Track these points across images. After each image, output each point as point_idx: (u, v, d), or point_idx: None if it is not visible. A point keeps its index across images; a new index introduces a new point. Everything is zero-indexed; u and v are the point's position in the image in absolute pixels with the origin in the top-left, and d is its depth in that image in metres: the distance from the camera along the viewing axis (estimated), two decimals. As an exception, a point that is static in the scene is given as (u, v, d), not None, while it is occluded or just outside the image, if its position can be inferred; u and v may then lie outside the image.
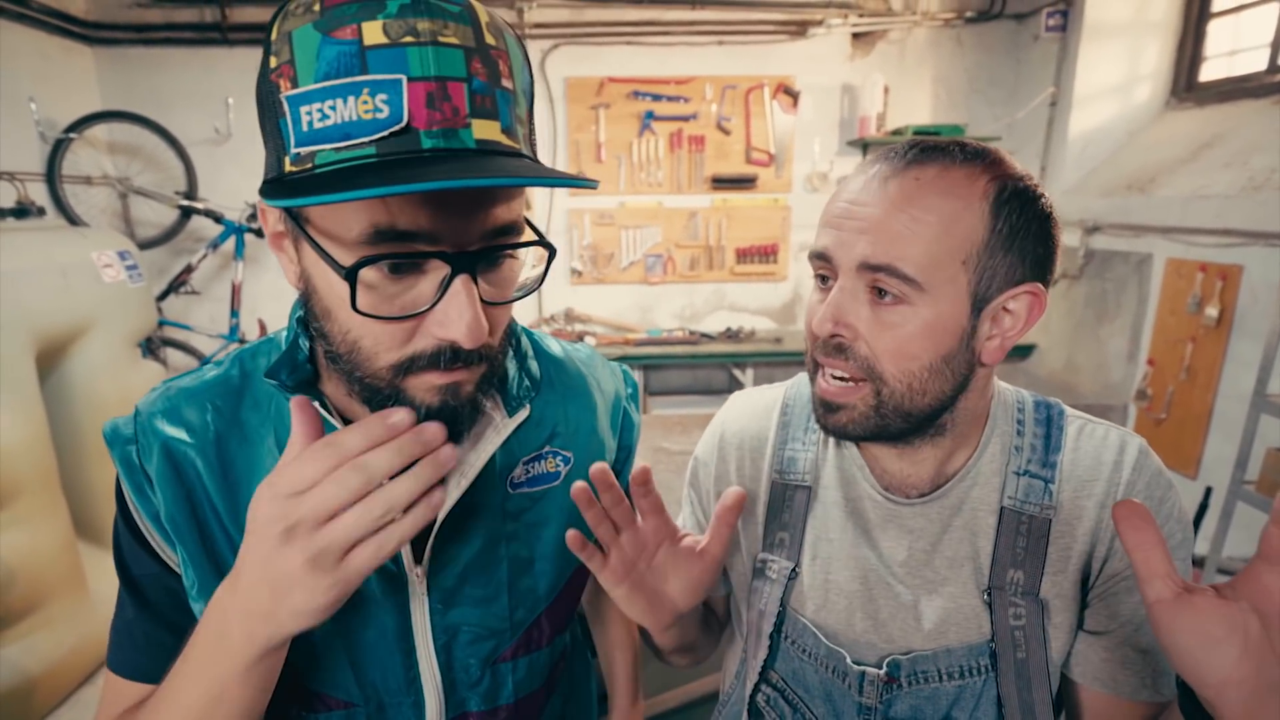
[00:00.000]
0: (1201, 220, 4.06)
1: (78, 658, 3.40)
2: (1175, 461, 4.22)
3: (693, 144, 6.05)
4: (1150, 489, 1.13)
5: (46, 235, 3.49)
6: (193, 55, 5.59)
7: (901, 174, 1.01)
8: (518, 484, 1.15)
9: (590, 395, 1.28)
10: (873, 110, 5.74)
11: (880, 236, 0.99)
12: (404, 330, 0.86)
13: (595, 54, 5.89)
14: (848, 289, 1.03)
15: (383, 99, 0.75)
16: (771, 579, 1.25)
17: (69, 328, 3.43)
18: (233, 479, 1.02)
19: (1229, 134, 4.37)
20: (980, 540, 1.16)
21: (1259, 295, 3.72)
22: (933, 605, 1.17)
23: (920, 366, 1.04)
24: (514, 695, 1.20)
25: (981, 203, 1.00)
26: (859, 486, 1.22)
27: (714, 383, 6.48)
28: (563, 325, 6.24)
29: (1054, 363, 5.45)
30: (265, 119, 0.83)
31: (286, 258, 0.93)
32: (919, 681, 1.17)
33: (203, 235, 5.76)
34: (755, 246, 6.24)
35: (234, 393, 1.05)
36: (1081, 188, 5.26)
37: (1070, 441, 1.18)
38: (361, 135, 0.76)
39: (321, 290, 0.87)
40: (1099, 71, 5.18)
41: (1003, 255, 1.02)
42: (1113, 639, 1.15)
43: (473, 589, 1.12)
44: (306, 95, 0.76)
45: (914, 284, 0.99)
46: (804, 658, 1.23)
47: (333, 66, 0.75)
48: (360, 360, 0.88)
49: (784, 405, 1.34)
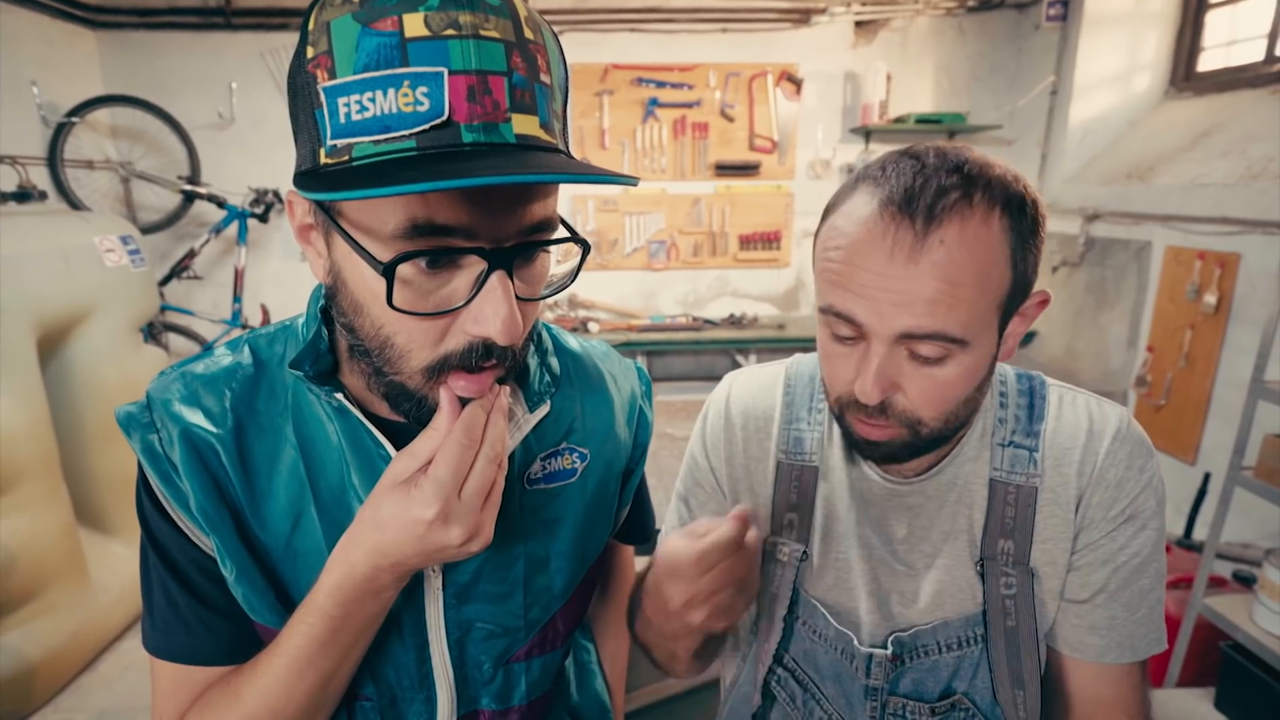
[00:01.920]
0: (1200, 208, 4.07)
1: (78, 644, 3.41)
2: (1174, 447, 4.24)
3: (696, 131, 6.06)
4: (1132, 458, 1.15)
5: (48, 219, 3.49)
6: (196, 39, 5.59)
7: (924, 243, 0.96)
8: (534, 480, 1.14)
9: (608, 392, 1.27)
10: (875, 98, 5.75)
11: (924, 307, 0.97)
12: (438, 328, 0.85)
13: (599, 40, 5.89)
14: (884, 354, 1.01)
15: (423, 92, 0.74)
16: (783, 562, 1.25)
17: (71, 312, 3.43)
18: (251, 469, 1.01)
19: (1227, 123, 4.37)
20: (974, 513, 1.18)
21: (1257, 283, 3.74)
22: (930, 579, 1.19)
23: (957, 403, 1.06)
24: (527, 696, 1.19)
25: (1003, 245, 0.98)
26: (860, 466, 1.23)
27: (717, 369, 6.49)
28: (566, 312, 6.25)
29: (1054, 349, 5.46)
30: (299, 109, 0.82)
31: (314, 251, 0.92)
32: (920, 655, 1.19)
33: (205, 220, 5.77)
34: (758, 233, 6.25)
35: (249, 381, 1.04)
36: (1081, 176, 5.27)
37: (1053, 410, 1.20)
38: (402, 128, 0.75)
39: (353, 285, 0.86)
40: (1099, 61, 5.18)
41: (1021, 282, 1.02)
42: (1085, 606, 1.18)
43: (487, 585, 1.10)
44: (345, 86, 0.75)
45: (960, 343, 0.99)
46: (815, 639, 1.24)
47: (373, 58, 0.74)
48: (392, 358, 0.87)
49: (786, 384, 1.34)
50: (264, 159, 5.77)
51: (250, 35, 5.58)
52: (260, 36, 5.59)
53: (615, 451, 1.26)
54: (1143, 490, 1.15)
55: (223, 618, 1.02)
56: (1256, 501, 2.91)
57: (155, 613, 1.04)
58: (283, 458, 1.02)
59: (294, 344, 1.05)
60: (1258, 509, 3.30)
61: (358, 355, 0.93)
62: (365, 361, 0.91)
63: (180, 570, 1.02)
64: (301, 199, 0.88)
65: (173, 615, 1.03)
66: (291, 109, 0.84)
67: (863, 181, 1.04)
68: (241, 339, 1.08)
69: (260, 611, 1.02)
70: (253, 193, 5.56)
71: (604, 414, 1.24)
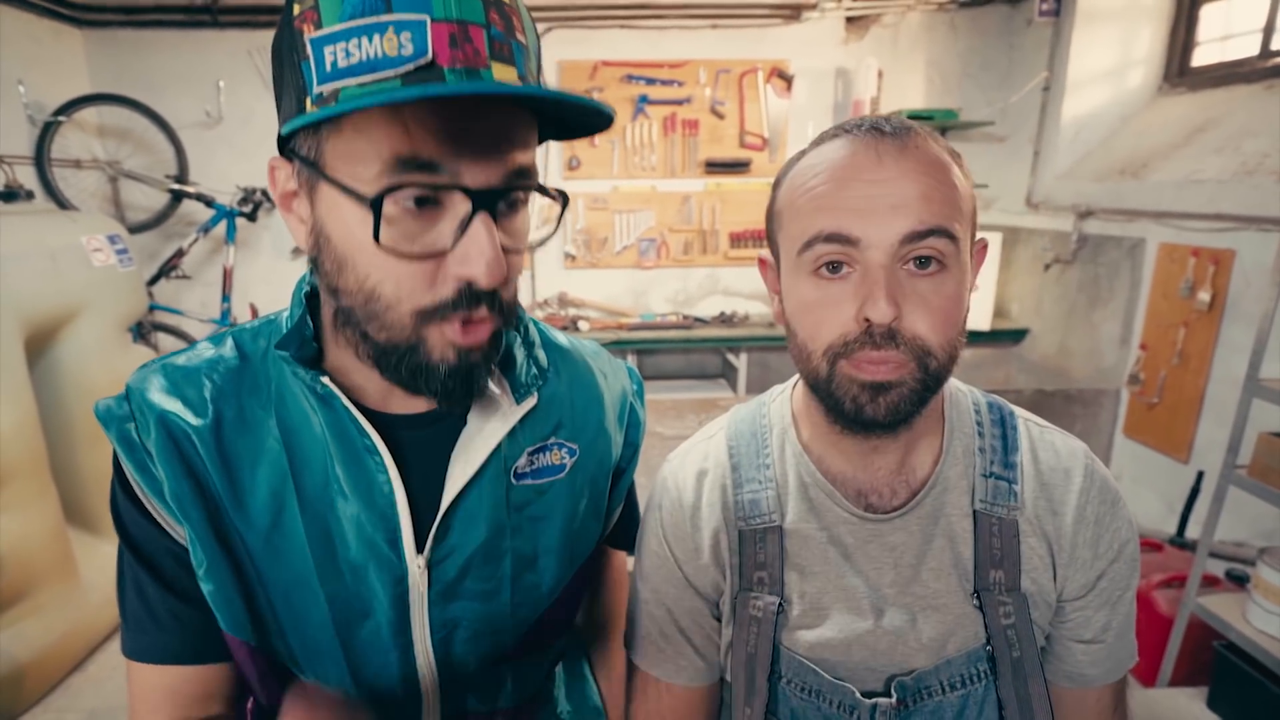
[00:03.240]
0: (1194, 205, 4.06)
1: (68, 644, 3.40)
2: (1167, 445, 4.23)
3: (686, 128, 6.03)
4: (1103, 493, 1.17)
5: (35, 219, 3.47)
6: (183, 38, 5.55)
7: (905, 146, 1.01)
8: (522, 475, 1.13)
9: (597, 387, 1.26)
10: (866, 94, 5.72)
11: (921, 204, 0.98)
12: (425, 274, 0.87)
13: (588, 37, 5.87)
14: (888, 266, 1.00)
15: (407, 37, 0.78)
16: (757, 617, 1.18)
17: (58, 312, 3.41)
18: (231, 462, 1.01)
19: (1221, 119, 4.36)
20: (960, 546, 1.16)
21: (1251, 280, 3.73)
22: (929, 621, 1.16)
23: (958, 332, 1.05)
24: (514, 698, 1.19)
25: (957, 166, 1.04)
26: (831, 513, 1.18)
27: (707, 367, 6.48)
28: (556, 310, 6.22)
29: (1046, 347, 5.46)
30: (284, 68, 0.86)
31: (296, 219, 0.94)
32: (924, 698, 1.15)
33: (194, 219, 5.73)
34: (749, 231, 6.23)
35: (232, 373, 1.04)
36: (1074, 172, 5.26)
37: (1024, 442, 1.20)
38: (388, 68, 0.79)
39: (337, 239, 0.88)
40: (1092, 56, 5.16)
41: (972, 214, 1.06)
42: (1090, 645, 1.19)
43: (474, 582, 1.10)
44: (332, 35, 0.79)
45: (956, 241, 1.00)
46: (804, 696, 1.18)
47: (357, 8, 0.78)
48: (379, 310, 0.89)
49: (730, 447, 1.28)
50: (252, 157, 5.74)
51: (237, 33, 5.56)
52: (247, 35, 5.56)
53: (605, 448, 1.25)
54: (1127, 525, 1.17)
55: (194, 608, 1.02)
56: (1250, 500, 2.89)
57: (129, 612, 1.04)
58: (265, 450, 1.01)
59: (276, 335, 1.05)
60: (1251, 508, 3.29)
61: (342, 325, 0.95)
62: (351, 329, 0.93)
63: (152, 561, 1.02)
64: (284, 164, 0.92)
65: (144, 611, 1.03)
66: (275, 75, 0.88)
67: (820, 140, 1.09)
68: (224, 333, 1.08)
69: (223, 611, 1.02)
70: (241, 191, 5.53)
71: (593, 409, 1.23)
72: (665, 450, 3.30)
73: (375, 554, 1.04)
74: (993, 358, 5.90)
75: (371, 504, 1.03)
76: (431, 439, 1.07)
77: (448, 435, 1.07)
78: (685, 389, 6.12)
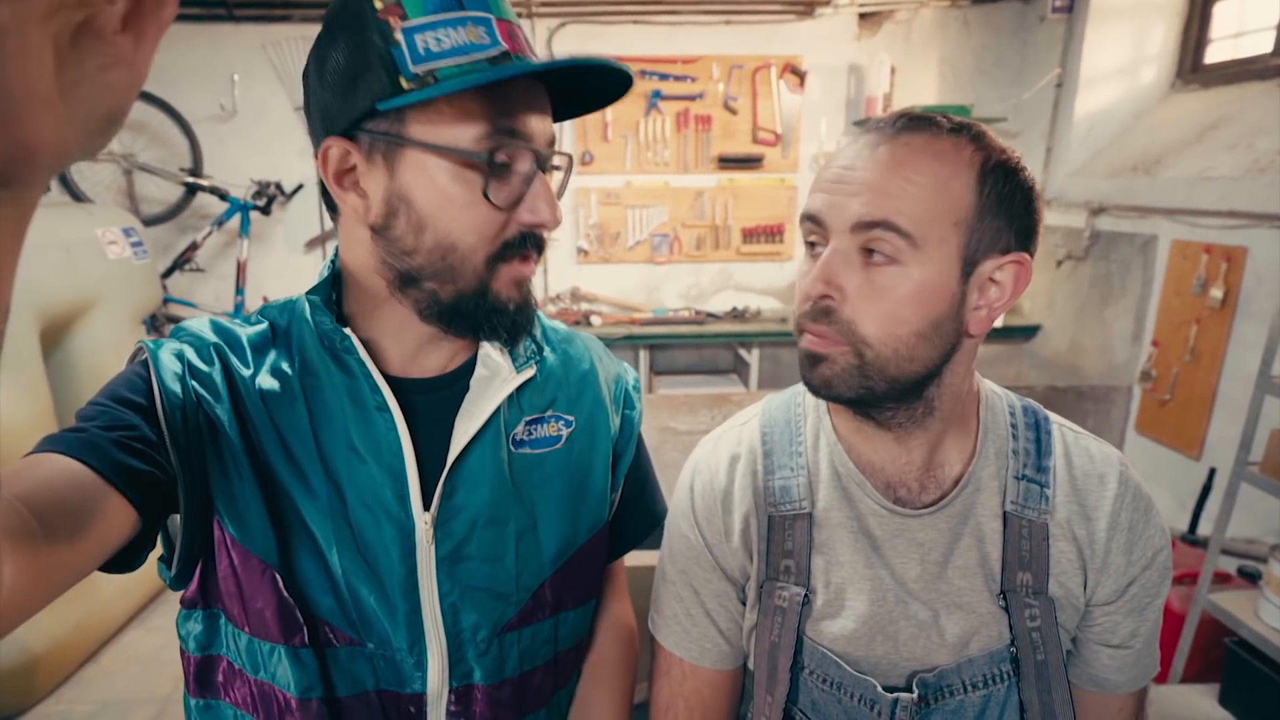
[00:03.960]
0: (1206, 202, 4.05)
1: (81, 636, 3.42)
2: (1179, 442, 4.23)
3: (699, 123, 6.04)
4: (1137, 500, 1.17)
5: (51, 211, 3.49)
6: (198, 31, 5.57)
7: (891, 140, 1.03)
8: (520, 442, 1.20)
9: (593, 366, 1.33)
10: (879, 91, 5.71)
11: (874, 195, 1.01)
12: (499, 222, 1.02)
13: (602, 32, 5.87)
14: (840, 250, 1.04)
15: (483, 30, 0.96)
16: (783, 607, 1.19)
17: (73, 304, 3.43)
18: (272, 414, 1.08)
19: (1234, 116, 4.35)
20: (988, 546, 1.16)
21: (1264, 277, 3.72)
22: (953, 619, 1.16)
23: (909, 331, 1.04)
24: (519, 668, 1.21)
25: (969, 171, 1.02)
26: (862, 504, 1.19)
27: (720, 362, 6.49)
28: (569, 304, 6.23)
29: (1058, 344, 5.45)
30: (366, 52, 0.96)
31: (356, 195, 1.03)
32: (945, 696, 1.15)
33: (208, 212, 5.75)
34: (761, 226, 6.23)
35: (265, 338, 1.13)
36: (1087, 169, 5.25)
37: (1058, 446, 1.20)
38: (477, 53, 0.95)
39: (423, 201, 1.00)
40: (1105, 53, 5.15)
41: (991, 220, 1.03)
42: (1119, 651, 1.19)
43: (479, 546, 1.14)
44: (422, 26, 0.94)
45: (909, 239, 1.00)
46: (825, 688, 1.19)
47: (438, 4, 0.94)
48: (455, 263, 1.02)
49: (764, 433, 1.29)
50: (266, 151, 5.74)
51: (252, 27, 5.57)
52: (262, 28, 5.57)
53: (603, 423, 1.31)
54: (1160, 534, 1.18)
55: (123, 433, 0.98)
56: (1262, 497, 2.90)
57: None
58: (295, 409, 1.09)
59: (299, 314, 1.14)
60: (1263, 504, 3.29)
61: (404, 288, 1.06)
62: (415, 290, 1.06)
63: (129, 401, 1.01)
64: (340, 143, 1.00)
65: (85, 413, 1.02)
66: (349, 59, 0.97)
67: None
68: (260, 311, 1.18)
69: (255, 537, 1.06)
70: (255, 185, 5.55)
71: (589, 385, 1.31)
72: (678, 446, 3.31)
73: (385, 510, 1.09)
74: (1005, 354, 5.89)
75: (381, 460, 1.09)
76: (440, 403, 1.15)
77: (453, 400, 1.15)
78: (697, 384, 6.12)
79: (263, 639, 1.10)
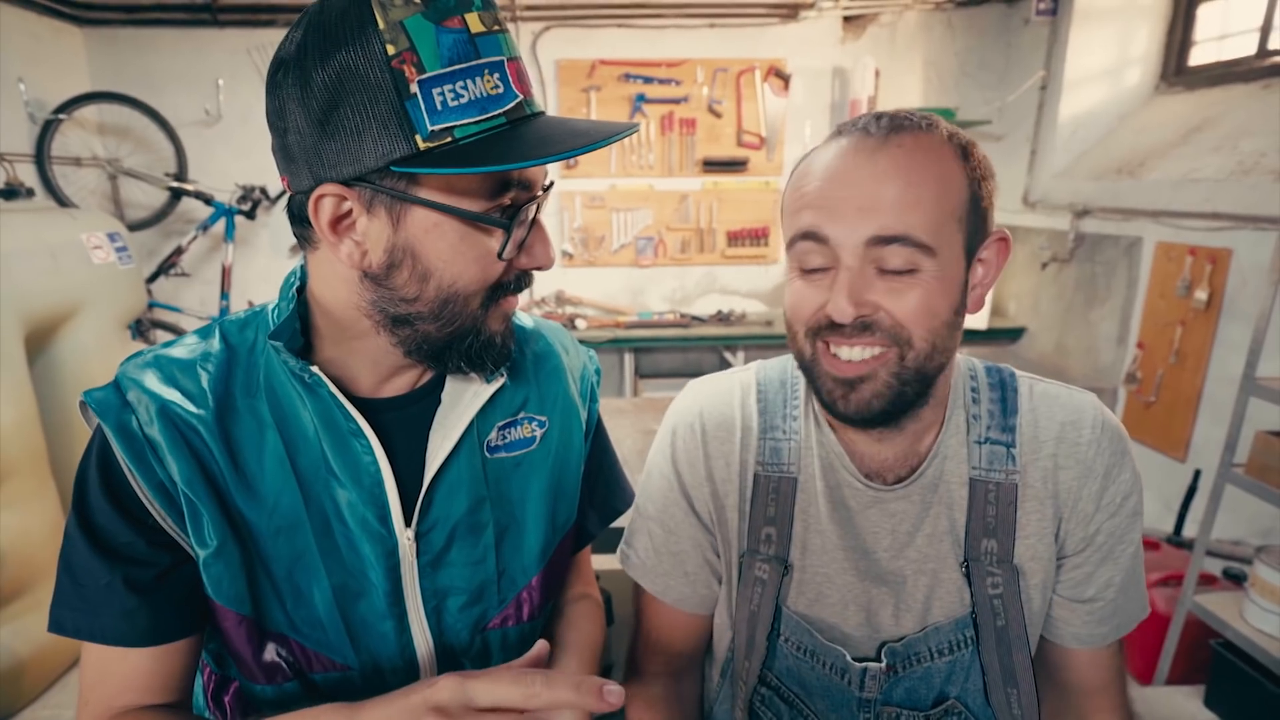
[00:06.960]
0: (1191, 204, 4.07)
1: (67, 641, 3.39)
2: (1164, 444, 4.24)
3: (684, 127, 6.04)
4: (1114, 444, 1.18)
5: (36, 216, 3.46)
6: (183, 36, 5.55)
7: (883, 146, 1.03)
8: (495, 448, 1.20)
9: (560, 361, 1.33)
10: (864, 93, 5.72)
11: (886, 209, 1.01)
12: (500, 268, 1.02)
13: (586, 36, 5.87)
14: (855, 268, 1.03)
15: (498, 77, 0.91)
16: (762, 579, 1.22)
17: (58, 309, 3.41)
18: (236, 450, 1.05)
19: (1218, 118, 4.37)
20: (955, 513, 1.18)
21: (1248, 278, 3.74)
22: (919, 585, 1.18)
23: (941, 323, 1.06)
24: None
25: (957, 162, 1.04)
26: (839, 474, 1.21)
27: (705, 365, 6.47)
28: (554, 308, 6.23)
29: (1044, 346, 5.47)
30: (374, 104, 0.88)
31: (351, 242, 0.98)
32: (913, 664, 1.18)
33: (193, 217, 5.74)
34: (746, 229, 6.23)
35: (223, 364, 1.08)
36: (1071, 171, 5.27)
37: (1025, 403, 1.21)
38: (495, 108, 0.91)
39: (430, 254, 0.97)
40: (1089, 55, 5.17)
41: (976, 205, 1.06)
42: (1095, 604, 1.20)
43: (460, 551, 1.16)
44: (438, 79, 0.88)
45: (927, 249, 1.01)
46: (800, 655, 1.23)
47: (454, 53, 0.88)
48: (456, 307, 1.01)
49: (759, 392, 1.31)
50: (250, 155, 5.74)
51: (237, 32, 5.55)
52: (247, 33, 5.55)
53: (575, 418, 1.32)
54: (1132, 477, 1.18)
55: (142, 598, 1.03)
56: (1247, 499, 2.91)
57: (75, 595, 1.08)
58: (264, 437, 1.06)
59: (265, 328, 1.10)
60: (1248, 506, 3.30)
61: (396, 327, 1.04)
62: (407, 329, 1.03)
63: (118, 554, 1.03)
64: (337, 191, 0.94)
65: (98, 596, 1.06)
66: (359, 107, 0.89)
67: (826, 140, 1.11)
68: (211, 325, 1.14)
69: (226, 590, 1.05)
70: (240, 189, 5.53)
71: (559, 382, 1.31)
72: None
73: (367, 530, 1.09)
74: (990, 356, 5.82)
75: (360, 484, 1.09)
76: (413, 418, 1.15)
77: (425, 414, 1.16)
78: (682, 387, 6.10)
79: (251, 681, 1.12)
